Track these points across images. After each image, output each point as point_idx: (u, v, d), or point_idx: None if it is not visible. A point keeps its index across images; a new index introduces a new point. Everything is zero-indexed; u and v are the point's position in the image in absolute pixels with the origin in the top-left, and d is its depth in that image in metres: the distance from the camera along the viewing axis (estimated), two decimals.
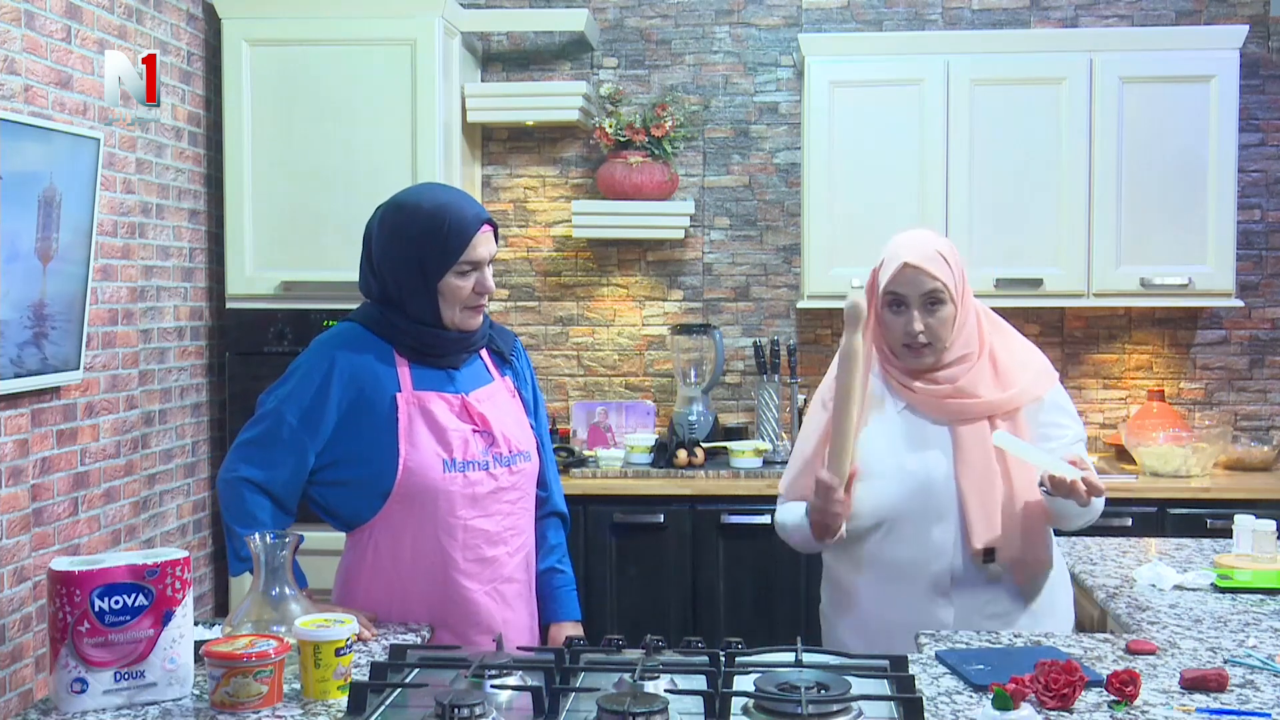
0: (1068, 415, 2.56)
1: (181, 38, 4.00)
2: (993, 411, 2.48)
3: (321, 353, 2.38)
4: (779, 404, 4.48)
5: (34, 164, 3.03)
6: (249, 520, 2.31)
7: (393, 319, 2.38)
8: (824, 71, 4.27)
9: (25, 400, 3.15)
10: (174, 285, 3.97)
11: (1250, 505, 3.69)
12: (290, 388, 2.36)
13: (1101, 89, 4.18)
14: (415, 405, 2.35)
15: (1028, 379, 2.52)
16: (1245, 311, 4.52)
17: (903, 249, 2.48)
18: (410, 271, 2.35)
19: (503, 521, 2.42)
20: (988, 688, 1.87)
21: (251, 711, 1.88)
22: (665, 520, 4.12)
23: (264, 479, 2.35)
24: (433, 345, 2.39)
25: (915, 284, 2.45)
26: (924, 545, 2.44)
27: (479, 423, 2.39)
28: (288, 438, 2.34)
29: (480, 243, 2.36)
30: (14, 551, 3.12)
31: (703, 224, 4.69)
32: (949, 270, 2.46)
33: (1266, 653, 2.16)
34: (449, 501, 2.35)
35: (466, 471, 2.36)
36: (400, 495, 2.34)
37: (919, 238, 2.52)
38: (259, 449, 2.36)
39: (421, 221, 2.34)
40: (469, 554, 2.38)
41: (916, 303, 2.46)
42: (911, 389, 2.51)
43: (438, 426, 2.35)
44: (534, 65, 4.72)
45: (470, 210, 2.38)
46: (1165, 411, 4.38)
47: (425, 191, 2.46)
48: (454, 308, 2.37)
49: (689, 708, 1.84)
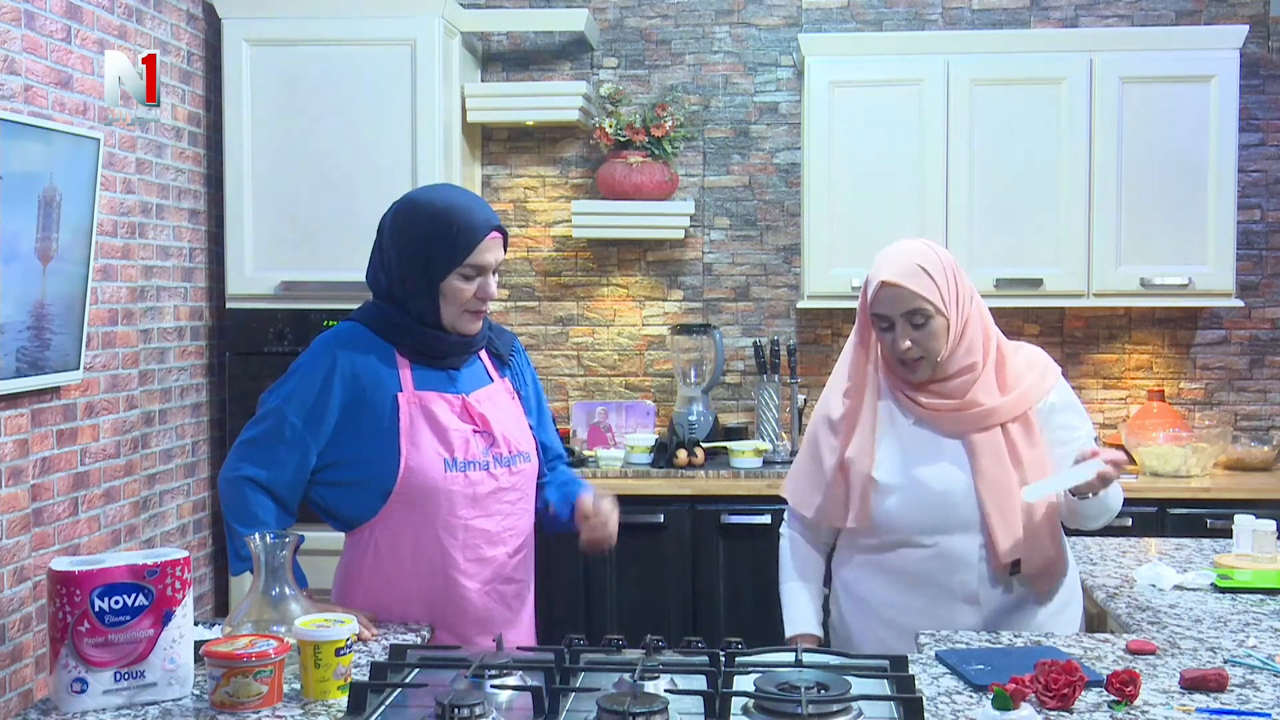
0: (1076, 414, 2.54)
1: (181, 38, 4.00)
2: (1003, 418, 2.45)
3: (323, 352, 2.38)
4: (779, 404, 4.48)
5: (34, 164, 3.04)
6: (251, 519, 2.31)
7: (395, 318, 2.39)
8: (824, 71, 4.27)
9: (25, 400, 3.15)
10: (174, 285, 3.97)
11: (1250, 505, 3.69)
12: (292, 386, 2.36)
13: (1101, 89, 4.18)
14: (417, 405, 2.35)
15: (1032, 378, 2.50)
16: (1245, 311, 4.52)
17: (882, 267, 2.43)
18: (415, 269, 2.35)
19: (502, 522, 2.43)
20: (988, 688, 1.87)
21: (251, 711, 1.88)
22: (665, 520, 4.12)
23: (267, 478, 2.34)
24: (433, 346, 2.39)
25: (896, 302, 2.41)
26: (948, 557, 2.42)
27: (479, 423, 2.40)
28: (290, 437, 2.33)
29: (487, 248, 2.36)
30: (14, 551, 3.12)
31: (703, 224, 4.69)
32: (932, 284, 2.40)
33: (1266, 653, 2.16)
34: (450, 501, 2.35)
35: (468, 471, 2.36)
36: (401, 495, 2.34)
37: (901, 252, 2.44)
38: (261, 448, 2.35)
39: (431, 220, 2.34)
40: (469, 554, 2.38)
41: (900, 321, 2.42)
42: (919, 403, 2.48)
43: (439, 426, 2.36)
44: (534, 65, 4.72)
45: (480, 215, 2.38)
46: (1165, 411, 4.38)
47: (440, 191, 2.47)
48: (454, 310, 2.37)
49: (689, 708, 1.84)
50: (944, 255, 2.47)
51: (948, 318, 2.41)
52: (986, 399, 2.45)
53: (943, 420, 2.47)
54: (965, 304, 2.45)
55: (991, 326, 2.52)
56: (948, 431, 2.46)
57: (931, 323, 2.41)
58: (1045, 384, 2.51)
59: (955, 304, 2.43)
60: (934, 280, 2.40)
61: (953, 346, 2.44)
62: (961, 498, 2.42)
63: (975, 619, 2.43)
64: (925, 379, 2.47)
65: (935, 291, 2.40)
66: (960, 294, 2.44)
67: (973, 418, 2.45)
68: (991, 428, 2.44)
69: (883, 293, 2.41)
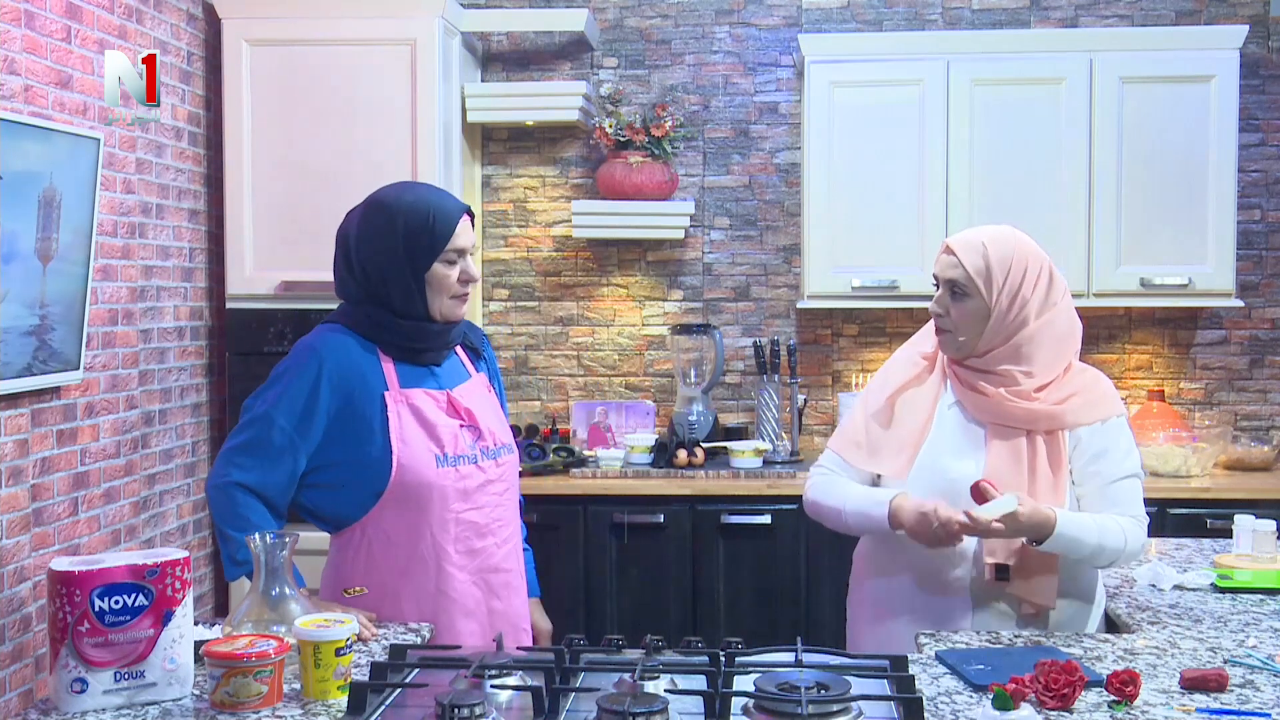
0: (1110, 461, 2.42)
1: (181, 38, 4.00)
2: (1033, 424, 2.41)
3: (308, 356, 2.37)
4: (779, 404, 4.48)
5: (34, 164, 3.03)
6: (243, 524, 2.30)
7: (376, 316, 2.40)
8: (824, 72, 4.27)
9: (25, 400, 3.15)
10: (174, 285, 3.97)
11: (1250, 505, 3.69)
12: (279, 391, 2.35)
13: (1101, 89, 4.18)
14: (404, 403, 2.37)
15: (1077, 403, 2.42)
16: (1245, 311, 4.52)
17: (957, 233, 2.50)
18: (397, 264, 2.37)
19: (491, 513, 2.46)
20: (988, 688, 1.87)
21: (251, 711, 1.89)
22: (665, 520, 4.12)
23: (256, 482, 2.34)
24: (416, 339, 2.41)
25: (944, 266, 2.46)
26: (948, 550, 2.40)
27: (465, 417, 2.43)
28: (280, 441, 2.33)
29: (463, 231, 2.42)
30: (14, 551, 3.12)
31: (703, 224, 4.69)
32: (983, 266, 2.39)
33: (1266, 653, 2.16)
34: (443, 496, 2.37)
35: (458, 466, 2.39)
36: (394, 493, 2.35)
37: (983, 229, 2.48)
38: (249, 454, 2.35)
39: (407, 214, 2.38)
40: (460, 546, 2.41)
41: (943, 285, 2.45)
42: (959, 378, 2.48)
43: (427, 423, 2.38)
44: (534, 65, 4.72)
45: (450, 201, 2.44)
46: (1165, 411, 4.38)
47: (403, 188, 2.49)
48: (441, 297, 2.40)
49: (689, 708, 1.84)
50: (1021, 252, 2.43)
51: (989, 306, 2.40)
52: (1016, 397, 2.42)
53: (972, 401, 2.46)
54: (1023, 306, 2.40)
55: (1067, 351, 2.46)
56: (971, 416, 2.46)
57: (968, 301, 2.42)
58: (1089, 414, 2.43)
59: (1004, 297, 2.40)
60: (988, 264, 2.40)
61: (991, 342, 2.42)
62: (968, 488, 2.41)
63: (967, 619, 2.41)
64: (951, 355, 2.48)
65: (983, 274, 2.40)
66: (1021, 294, 2.40)
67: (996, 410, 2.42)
68: (1016, 431, 2.41)
69: (941, 254, 2.47)
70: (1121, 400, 2.53)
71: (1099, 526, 2.35)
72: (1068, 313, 2.47)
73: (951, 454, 2.45)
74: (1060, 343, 2.45)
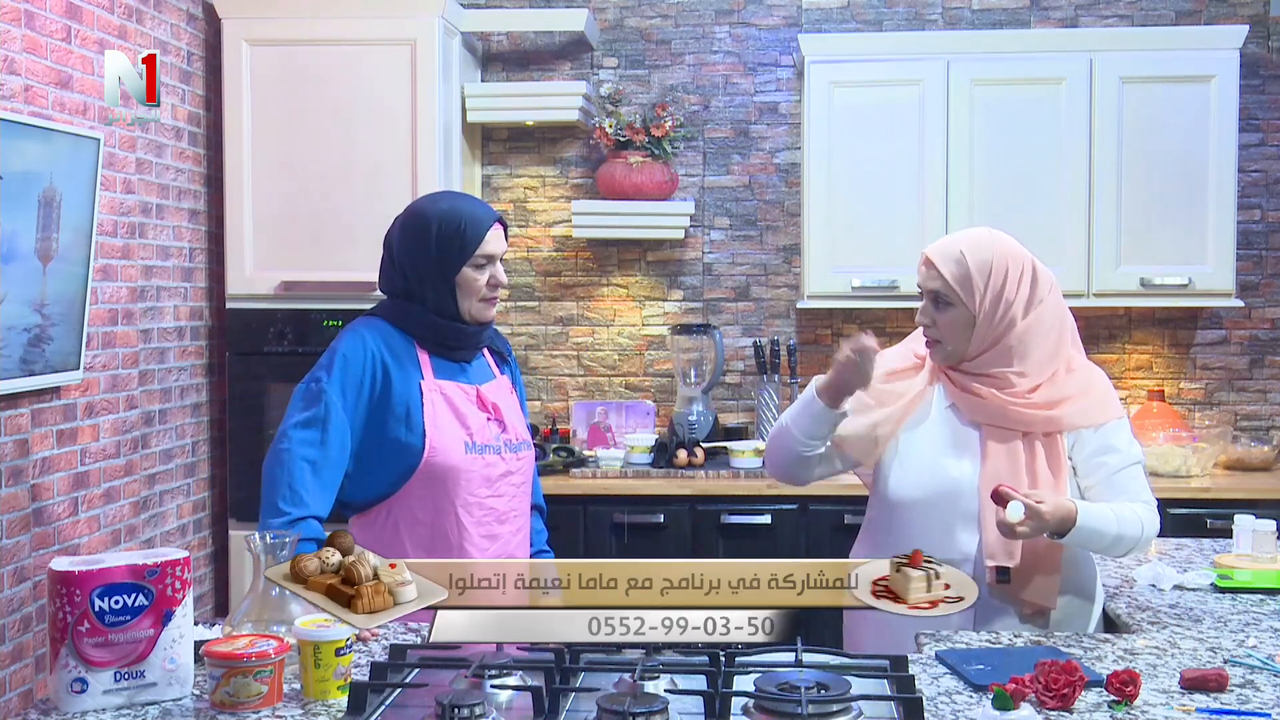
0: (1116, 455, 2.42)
1: (181, 38, 4.00)
2: (1029, 427, 2.40)
3: (357, 341, 2.49)
4: (779, 404, 4.48)
5: (34, 164, 3.04)
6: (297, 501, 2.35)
7: (414, 312, 2.54)
8: (824, 72, 4.27)
9: (25, 400, 3.15)
10: (174, 285, 3.97)
11: (1250, 505, 3.69)
12: (338, 371, 2.45)
13: (1101, 89, 4.18)
14: (438, 392, 2.51)
15: (1079, 405, 2.41)
16: (1245, 311, 4.52)
17: (934, 242, 2.49)
18: (431, 267, 2.51)
19: (509, 502, 2.58)
20: (988, 688, 1.86)
21: (251, 711, 1.89)
22: (665, 520, 4.12)
23: (319, 458, 2.40)
24: (449, 336, 2.55)
25: (924, 278, 2.46)
26: (949, 548, 2.39)
27: (492, 411, 2.57)
28: (337, 422, 2.42)
29: (493, 238, 2.54)
30: (14, 551, 3.12)
31: (703, 224, 4.69)
32: (964, 275, 2.39)
33: (1266, 653, 2.16)
34: (469, 480, 2.49)
35: (484, 454, 2.53)
36: (424, 472, 2.47)
37: (959, 235, 2.47)
38: (316, 430, 2.41)
39: (440, 221, 2.52)
40: (482, 530, 2.52)
41: (926, 296, 2.45)
42: (952, 381, 2.47)
43: (459, 412, 2.52)
44: (534, 65, 4.72)
45: (482, 209, 2.58)
46: (1165, 411, 4.38)
47: (441, 197, 2.67)
48: (470, 299, 2.53)
49: (689, 708, 1.84)
50: (1000, 253, 2.41)
51: (974, 312, 2.40)
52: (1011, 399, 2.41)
53: (967, 403, 2.45)
54: (1008, 308, 2.39)
55: (1065, 349, 2.45)
56: (966, 420, 2.46)
57: (952, 310, 2.41)
58: (1086, 419, 2.42)
59: (988, 302, 2.39)
60: (969, 272, 2.39)
61: (980, 346, 2.42)
62: (969, 495, 2.41)
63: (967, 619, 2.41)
64: (942, 364, 2.48)
65: (963, 282, 2.39)
66: (1005, 296, 2.39)
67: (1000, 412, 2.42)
68: (1012, 433, 2.40)
69: (921, 266, 2.46)
70: (1120, 402, 2.52)
71: (1117, 516, 2.36)
72: (1055, 307, 2.46)
73: (950, 455, 2.45)
74: (1051, 338, 2.44)
